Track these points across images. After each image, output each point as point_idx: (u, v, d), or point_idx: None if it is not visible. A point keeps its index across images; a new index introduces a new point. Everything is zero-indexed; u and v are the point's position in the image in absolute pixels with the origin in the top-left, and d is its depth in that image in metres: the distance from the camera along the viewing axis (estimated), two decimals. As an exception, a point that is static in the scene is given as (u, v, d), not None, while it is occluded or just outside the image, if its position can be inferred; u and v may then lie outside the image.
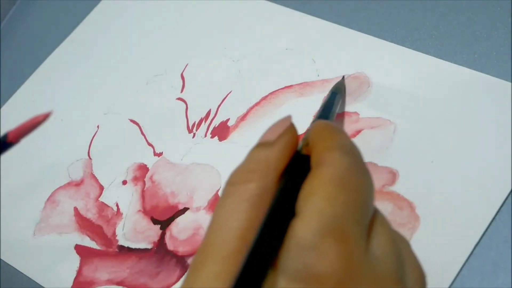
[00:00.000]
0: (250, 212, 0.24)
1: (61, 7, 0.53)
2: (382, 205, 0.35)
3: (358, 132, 0.39)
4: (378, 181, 0.36)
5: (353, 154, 0.26)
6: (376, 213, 0.25)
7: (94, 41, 0.52)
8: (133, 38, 0.51)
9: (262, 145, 0.26)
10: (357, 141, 0.38)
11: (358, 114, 0.39)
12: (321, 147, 0.26)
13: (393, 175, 0.36)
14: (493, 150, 0.35)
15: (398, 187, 0.36)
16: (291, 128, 0.27)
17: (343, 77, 0.41)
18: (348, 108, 0.40)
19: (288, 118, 0.27)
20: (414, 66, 0.40)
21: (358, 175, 0.25)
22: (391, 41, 0.42)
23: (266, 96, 0.43)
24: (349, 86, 0.41)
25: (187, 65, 0.47)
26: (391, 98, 0.39)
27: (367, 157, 0.37)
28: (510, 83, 0.37)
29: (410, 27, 0.43)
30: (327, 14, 0.45)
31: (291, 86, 0.43)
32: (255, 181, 0.24)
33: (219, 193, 0.38)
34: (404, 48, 0.41)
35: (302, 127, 0.38)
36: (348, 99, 0.41)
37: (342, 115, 0.40)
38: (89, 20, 0.53)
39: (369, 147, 0.38)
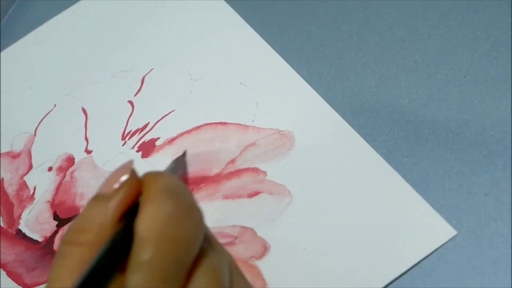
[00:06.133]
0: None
1: (60, 5, 0.54)
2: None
3: (257, 193, 0.38)
4: (248, 251, 0.36)
5: (177, 197, 0.25)
6: (204, 252, 0.25)
7: (79, 24, 0.53)
8: (115, 28, 0.51)
9: (98, 198, 0.25)
10: (252, 202, 0.38)
11: (266, 175, 0.39)
12: (146, 193, 0.25)
13: (264, 250, 0.36)
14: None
15: (263, 263, 0.35)
16: (131, 179, 0.25)
17: (185, 152, 0.40)
18: (261, 164, 0.39)
19: (129, 165, 0.26)
20: (346, 148, 0.39)
21: (178, 225, 0.24)
22: (391, 41, 0.42)
23: (199, 127, 0.43)
24: (274, 142, 0.40)
25: (152, 69, 0.48)
26: (305, 169, 0.39)
27: (252, 223, 0.37)
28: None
29: (410, 27, 0.43)
30: (327, 14, 0.45)
31: (225, 124, 0.42)
32: (87, 244, 0.24)
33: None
34: (349, 127, 0.40)
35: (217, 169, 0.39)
36: (268, 154, 0.40)
37: (253, 170, 0.39)
38: (76, 8, 0.54)
39: (259, 212, 0.38)
